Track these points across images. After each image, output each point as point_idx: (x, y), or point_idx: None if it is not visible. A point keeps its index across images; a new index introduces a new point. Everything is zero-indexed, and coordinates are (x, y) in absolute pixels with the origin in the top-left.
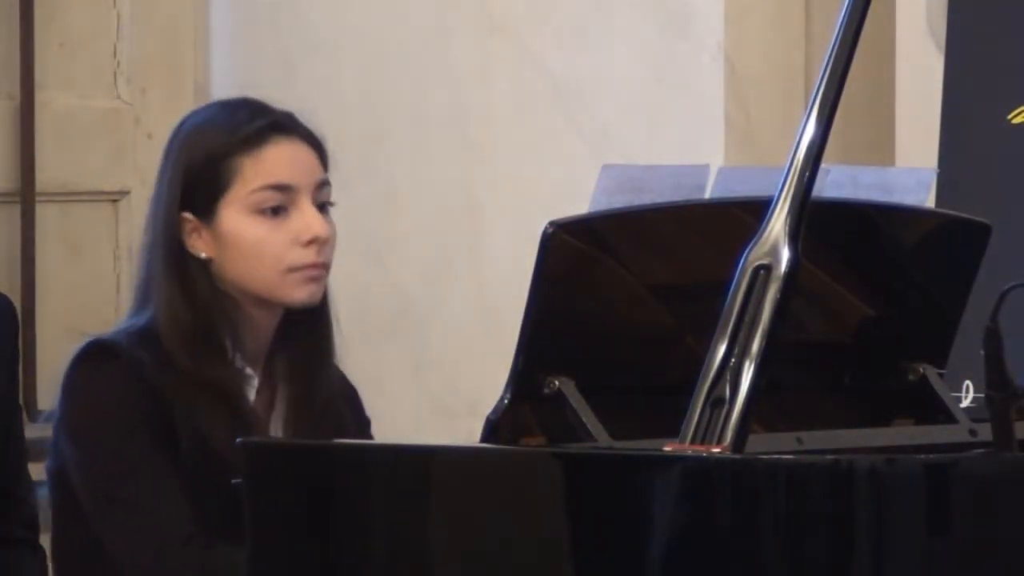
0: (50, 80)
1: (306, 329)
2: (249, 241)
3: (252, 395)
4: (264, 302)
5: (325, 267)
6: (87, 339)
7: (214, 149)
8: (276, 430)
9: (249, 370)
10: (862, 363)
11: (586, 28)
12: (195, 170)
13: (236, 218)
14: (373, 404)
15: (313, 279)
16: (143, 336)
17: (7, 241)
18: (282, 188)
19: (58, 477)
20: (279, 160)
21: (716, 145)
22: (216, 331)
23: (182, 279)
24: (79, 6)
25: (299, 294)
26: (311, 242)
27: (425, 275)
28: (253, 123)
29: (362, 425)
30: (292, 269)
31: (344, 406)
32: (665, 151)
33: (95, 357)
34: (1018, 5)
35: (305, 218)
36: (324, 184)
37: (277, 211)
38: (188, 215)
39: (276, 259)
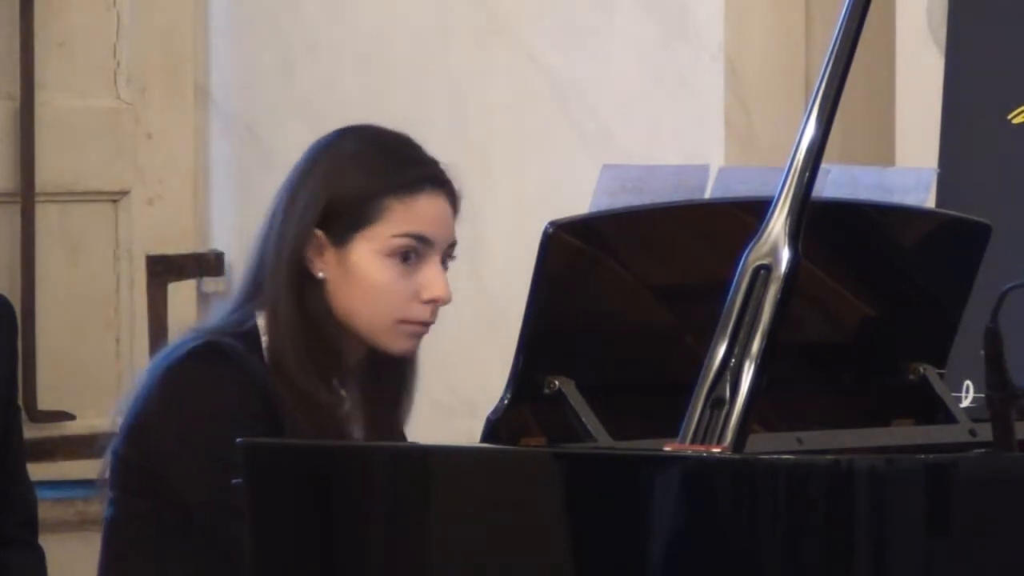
0: (50, 80)
1: (392, 370)
2: (374, 281)
3: (344, 415)
4: (357, 336)
5: (430, 325)
6: (195, 336)
7: (369, 183)
8: None
9: (344, 392)
10: (862, 363)
11: (586, 28)
12: (344, 196)
13: (369, 255)
14: None
15: (417, 335)
16: (248, 341)
17: (7, 241)
18: (422, 240)
19: (138, 468)
20: (428, 213)
21: (716, 145)
22: (327, 351)
23: (300, 294)
24: (79, 6)
25: (401, 345)
26: (430, 301)
27: None
28: (412, 170)
29: None
30: (404, 321)
31: None
32: (665, 151)
33: (211, 356)
34: (1018, 5)
35: (433, 276)
36: (454, 244)
37: (408, 259)
38: (320, 234)
39: (393, 307)
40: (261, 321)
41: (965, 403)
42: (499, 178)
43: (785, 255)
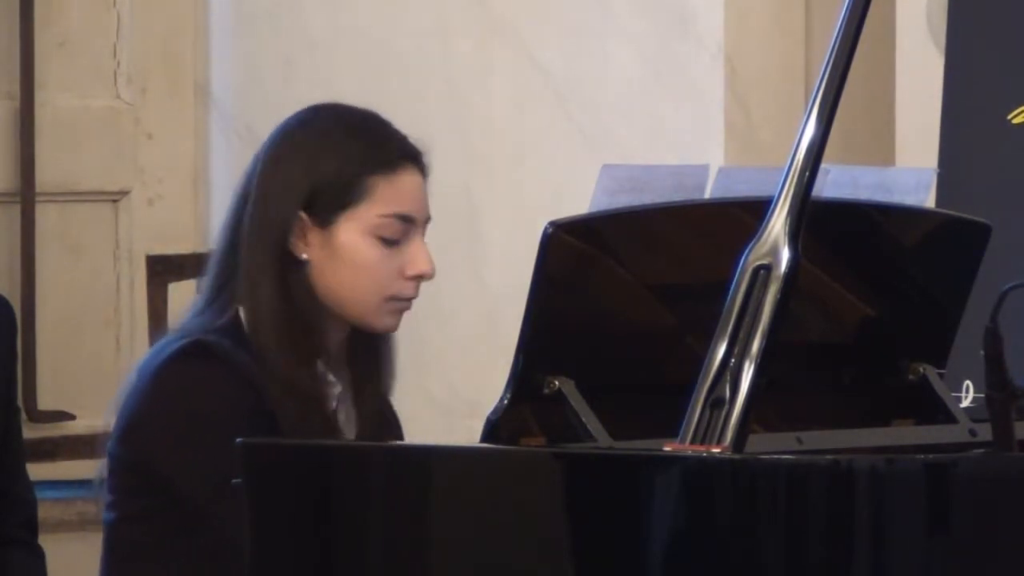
0: (50, 80)
1: (374, 346)
2: (361, 261)
3: (333, 402)
4: (341, 316)
5: (412, 302)
6: (180, 336)
7: (350, 161)
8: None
9: (332, 377)
10: (862, 363)
11: (586, 28)
12: (327, 178)
13: (355, 235)
14: None
15: (402, 311)
16: (232, 335)
17: (7, 241)
18: (406, 219)
19: (133, 468)
20: (410, 190)
21: (716, 145)
22: (310, 334)
23: (283, 278)
24: (79, 6)
25: (387, 322)
26: (416, 277)
27: None
28: (390, 145)
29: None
30: (390, 298)
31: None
32: (665, 151)
33: (202, 357)
34: (1018, 5)
35: (417, 252)
36: (429, 220)
37: (393, 238)
38: (304, 216)
39: (380, 286)
40: (243, 313)
41: (965, 403)
42: (499, 178)
43: (785, 255)
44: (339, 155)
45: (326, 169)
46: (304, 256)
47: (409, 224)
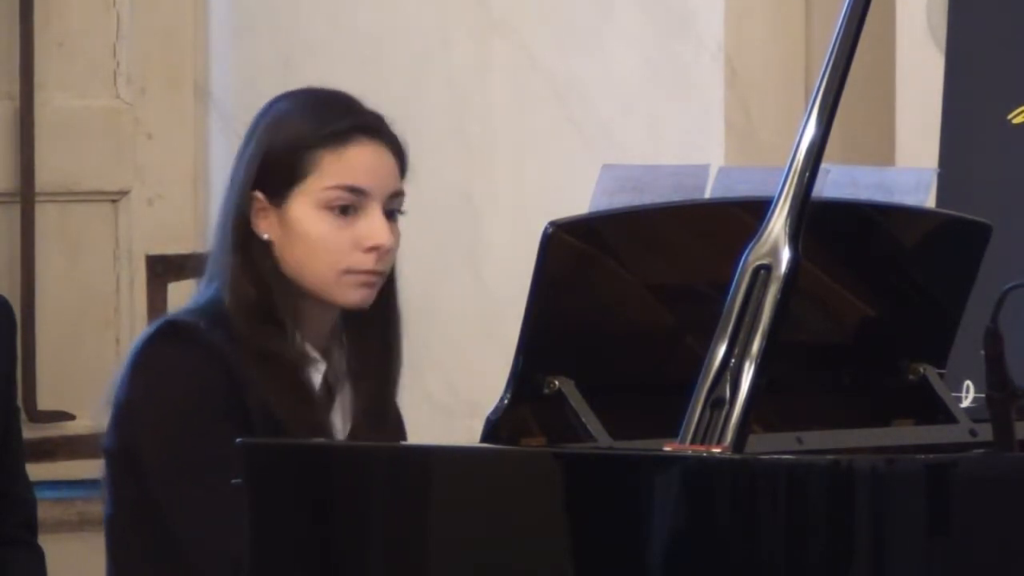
0: (50, 80)
1: (371, 331)
2: (312, 235)
3: (318, 379)
4: (310, 294)
5: (381, 275)
6: (161, 318)
7: (298, 137)
8: (339, 425)
9: (315, 353)
10: (862, 363)
11: (586, 28)
12: (275, 153)
13: (305, 209)
14: None
15: (367, 284)
16: (212, 313)
17: (7, 241)
18: (355, 191)
19: (118, 455)
20: (360, 162)
21: (716, 145)
22: (277, 310)
23: (245, 256)
24: (79, 6)
25: (351, 297)
26: (372, 249)
27: (425, 275)
28: (342, 120)
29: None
30: (348, 272)
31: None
32: (665, 151)
33: (172, 337)
34: (1018, 5)
35: (371, 224)
36: (398, 194)
37: (346, 211)
38: (259, 195)
39: (335, 259)
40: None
41: (965, 403)
42: (499, 178)
43: (785, 255)
44: (289, 132)
45: (277, 147)
46: (266, 236)
47: (361, 196)
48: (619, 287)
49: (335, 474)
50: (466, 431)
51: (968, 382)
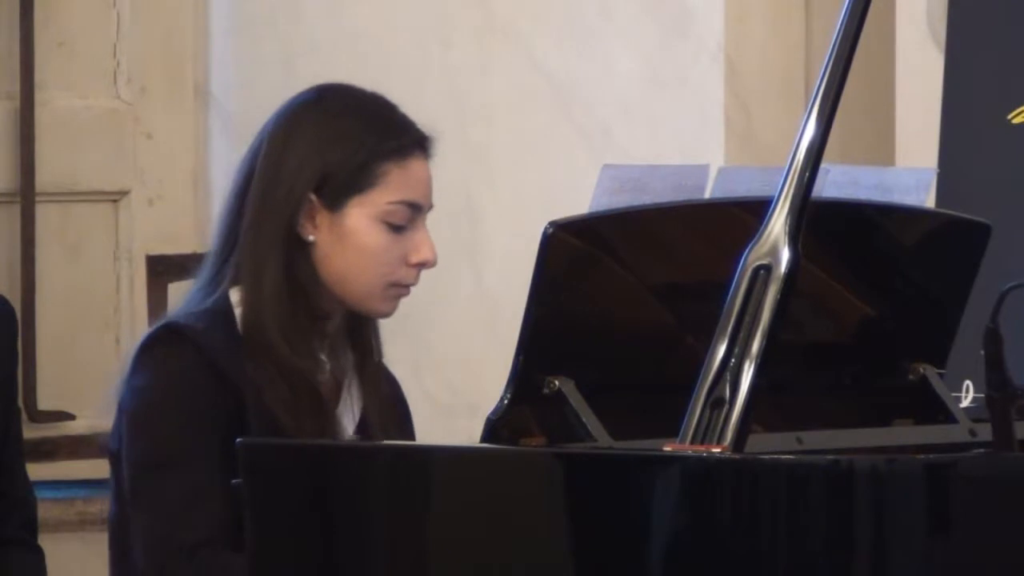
0: (50, 80)
1: (368, 326)
2: (368, 247)
3: (324, 378)
4: (342, 300)
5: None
6: (160, 321)
7: (365, 146)
8: (346, 422)
9: (323, 356)
10: (862, 363)
11: (586, 28)
12: (340, 161)
13: (364, 220)
14: None
15: (400, 297)
16: (216, 317)
17: (7, 241)
18: (415, 207)
19: (119, 457)
20: (420, 178)
21: (716, 145)
22: (311, 315)
23: (289, 258)
24: (79, 6)
25: (387, 308)
26: (418, 264)
27: (425, 275)
28: (405, 134)
29: (407, 415)
30: (393, 284)
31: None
32: (665, 151)
33: (166, 341)
34: (1018, 5)
35: (421, 240)
36: (432, 207)
37: (401, 224)
38: (314, 198)
39: (384, 272)
40: (235, 294)
41: (965, 403)
42: (499, 178)
43: (785, 255)
44: (352, 139)
45: (339, 152)
46: (311, 238)
47: (416, 211)
48: (619, 287)
49: (335, 474)
50: (466, 431)
51: (968, 382)
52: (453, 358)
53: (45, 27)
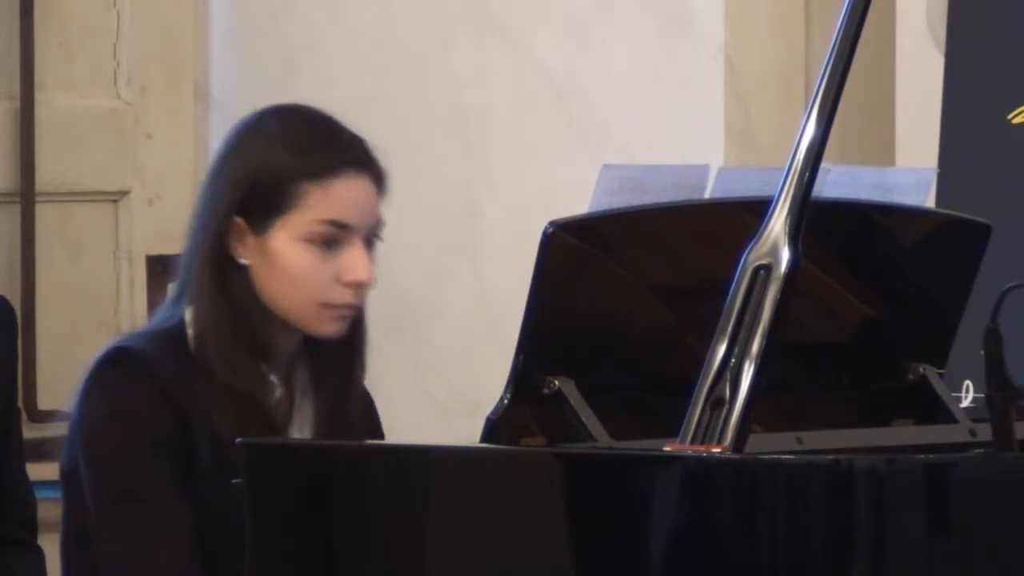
0: (50, 80)
1: (333, 345)
2: (294, 268)
3: (274, 399)
4: (283, 320)
5: (356, 308)
6: (111, 343)
7: (283, 167)
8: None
9: (273, 378)
10: (862, 363)
11: (586, 28)
12: (260, 182)
13: (288, 241)
14: None
15: (342, 317)
16: (168, 340)
17: (7, 241)
18: (340, 225)
19: (70, 476)
20: (345, 197)
21: (716, 145)
22: (253, 337)
23: (223, 281)
24: (79, 6)
25: (327, 329)
26: (351, 284)
27: (425, 275)
28: (327, 152)
29: (376, 437)
30: (327, 305)
31: (362, 420)
32: (665, 151)
33: (118, 365)
34: (1018, 5)
35: (353, 259)
36: (379, 224)
37: (329, 244)
38: (240, 220)
39: (314, 292)
40: (188, 315)
41: (965, 403)
42: (499, 178)
43: (785, 255)
44: (276, 161)
45: (263, 175)
46: (244, 261)
47: (345, 231)
48: (619, 287)
49: (335, 474)
50: (466, 431)
51: (968, 382)
52: (453, 358)
53: (45, 27)
